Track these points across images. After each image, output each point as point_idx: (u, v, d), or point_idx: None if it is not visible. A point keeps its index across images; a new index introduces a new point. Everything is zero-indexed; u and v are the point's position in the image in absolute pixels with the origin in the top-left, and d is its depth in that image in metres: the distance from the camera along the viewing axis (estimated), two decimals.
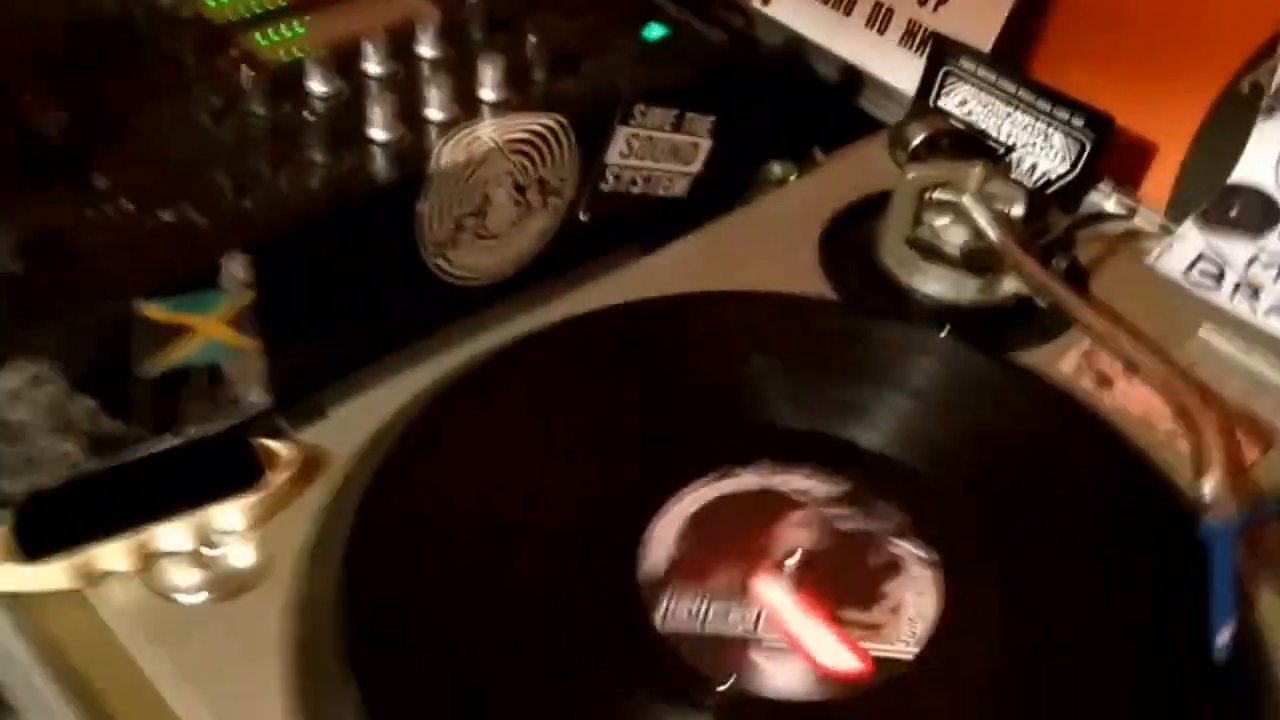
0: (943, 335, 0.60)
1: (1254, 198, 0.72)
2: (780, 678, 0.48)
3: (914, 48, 0.79)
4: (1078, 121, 0.72)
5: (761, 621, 0.49)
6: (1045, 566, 0.52)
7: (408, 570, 0.51)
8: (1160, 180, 0.77)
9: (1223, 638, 0.49)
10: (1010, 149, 0.73)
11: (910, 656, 0.49)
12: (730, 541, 0.52)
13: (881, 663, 0.48)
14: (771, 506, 0.53)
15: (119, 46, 0.63)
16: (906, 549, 0.52)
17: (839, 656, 0.48)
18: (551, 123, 0.62)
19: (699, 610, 0.50)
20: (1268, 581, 0.54)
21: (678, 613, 0.50)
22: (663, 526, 0.52)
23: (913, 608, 0.50)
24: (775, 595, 0.50)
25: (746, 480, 0.54)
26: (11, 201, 0.53)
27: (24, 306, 0.49)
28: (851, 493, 0.54)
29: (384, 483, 0.53)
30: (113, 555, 0.51)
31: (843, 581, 0.51)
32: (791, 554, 0.52)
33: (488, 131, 0.60)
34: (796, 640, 0.49)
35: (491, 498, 0.54)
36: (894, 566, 0.51)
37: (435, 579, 0.51)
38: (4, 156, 0.56)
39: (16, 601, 0.51)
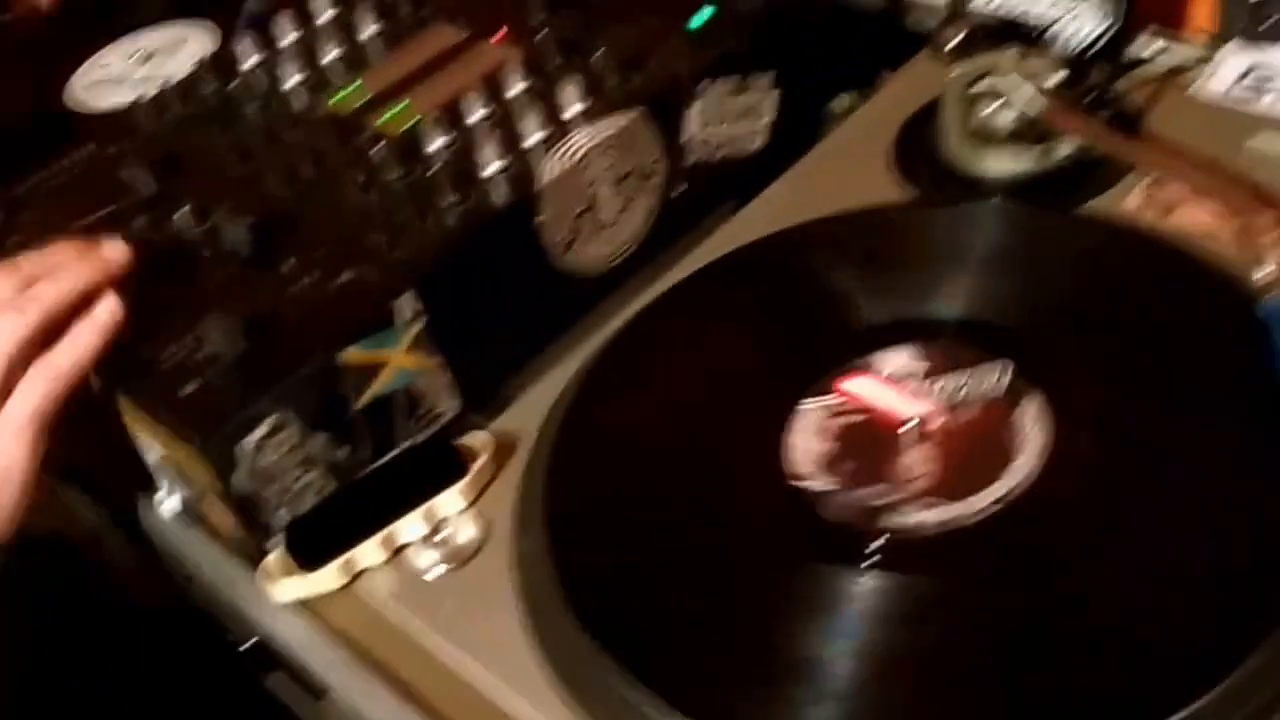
0: (992, 202, 0.68)
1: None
2: (919, 519, 0.57)
3: None
4: None
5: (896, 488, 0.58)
6: (1136, 375, 0.60)
7: (595, 505, 0.62)
8: (1206, 13, 0.83)
9: None
10: (1044, 27, 0.80)
11: (1029, 483, 0.57)
12: (858, 429, 0.61)
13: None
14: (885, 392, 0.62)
15: (275, 154, 0.76)
16: (1008, 391, 0.60)
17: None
18: (631, 117, 0.72)
19: (842, 490, 0.59)
20: None
21: (827, 496, 0.59)
22: (799, 430, 0.62)
23: (1028, 442, 0.58)
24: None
25: (858, 378, 0.64)
26: (228, 298, 0.66)
27: (255, 375, 0.62)
28: (948, 359, 0.62)
29: (562, 445, 0.65)
30: (368, 553, 0.64)
31: (963, 435, 0.59)
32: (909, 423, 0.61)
33: (580, 140, 0.71)
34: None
35: (655, 434, 0.65)
36: (1002, 413, 0.59)
37: (618, 511, 0.62)
38: (215, 263, 0.69)
39: (305, 606, 0.64)
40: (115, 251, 0.66)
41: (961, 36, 0.77)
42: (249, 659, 0.68)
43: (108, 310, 0.63)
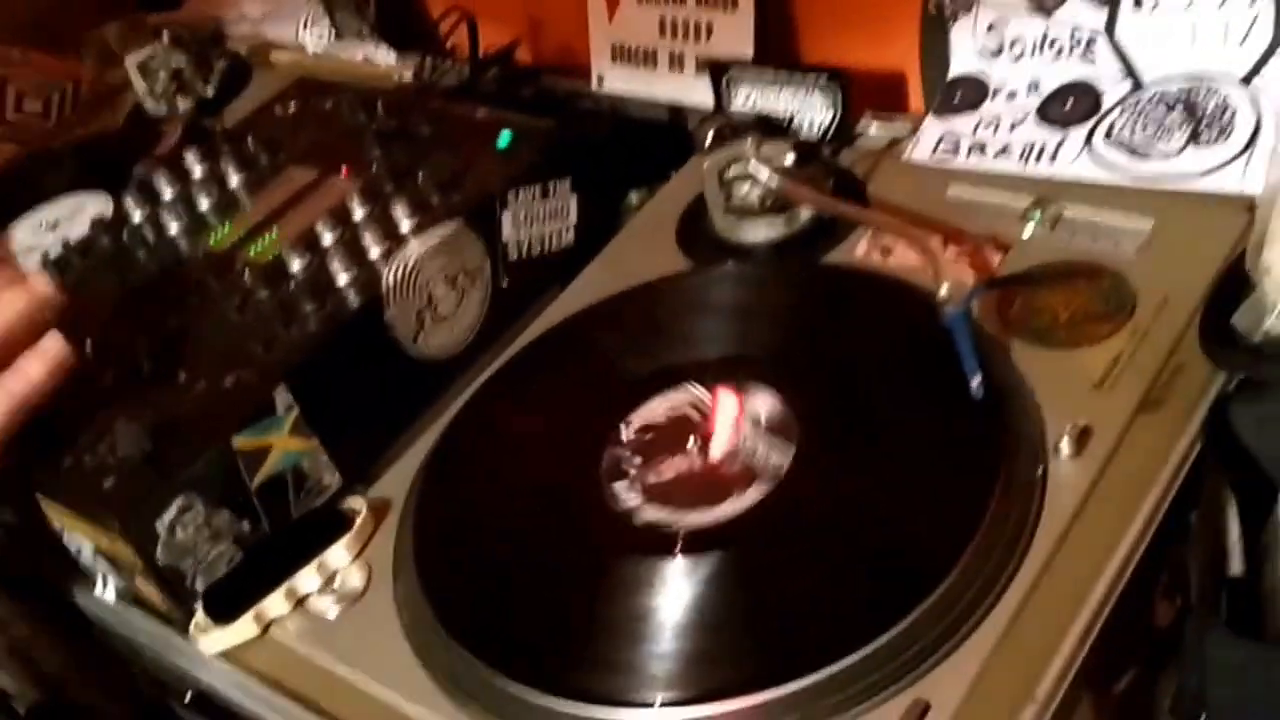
0: (728, 266, 0.87)
1: (969, 83, 0.97)
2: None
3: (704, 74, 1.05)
4: (824, 78, 0.97)
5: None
6: (861, 373, 0.77)
7: (454, 543, 0.78)
8: (915, 97, 1.02)
9: (974, 384, 0.73)
10: (788, 120, 0.99)
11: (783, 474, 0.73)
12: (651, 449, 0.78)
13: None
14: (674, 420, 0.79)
15: (167, 289, 0.91)
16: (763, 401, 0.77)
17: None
18: (454, 227, 0.88)
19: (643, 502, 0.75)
20: (1017, 336, 0.78)
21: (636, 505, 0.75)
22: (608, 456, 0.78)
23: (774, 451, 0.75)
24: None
25: (654, 407, 0.80)
26: (133, 408, 0.80)
27: (162, 467, 0.77)
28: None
29: (424, 500, 0.81)
30: (275, 604, 0.78)
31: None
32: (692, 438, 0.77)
33: (414, 249, 0.87)
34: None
35: (498, 483, 0.81)
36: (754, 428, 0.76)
37: (472, 545, 0.78)
38: (120, 383, 0.84)
39: (231, 655, 0.78)
40: (43, 284, 0.78)
41: (713, 132, 0.95)
42: (193, 709, 0.81)
43: (54, 343, 0.76)
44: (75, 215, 1.12)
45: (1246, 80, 0.85)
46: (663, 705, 0.65)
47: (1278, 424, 0.68)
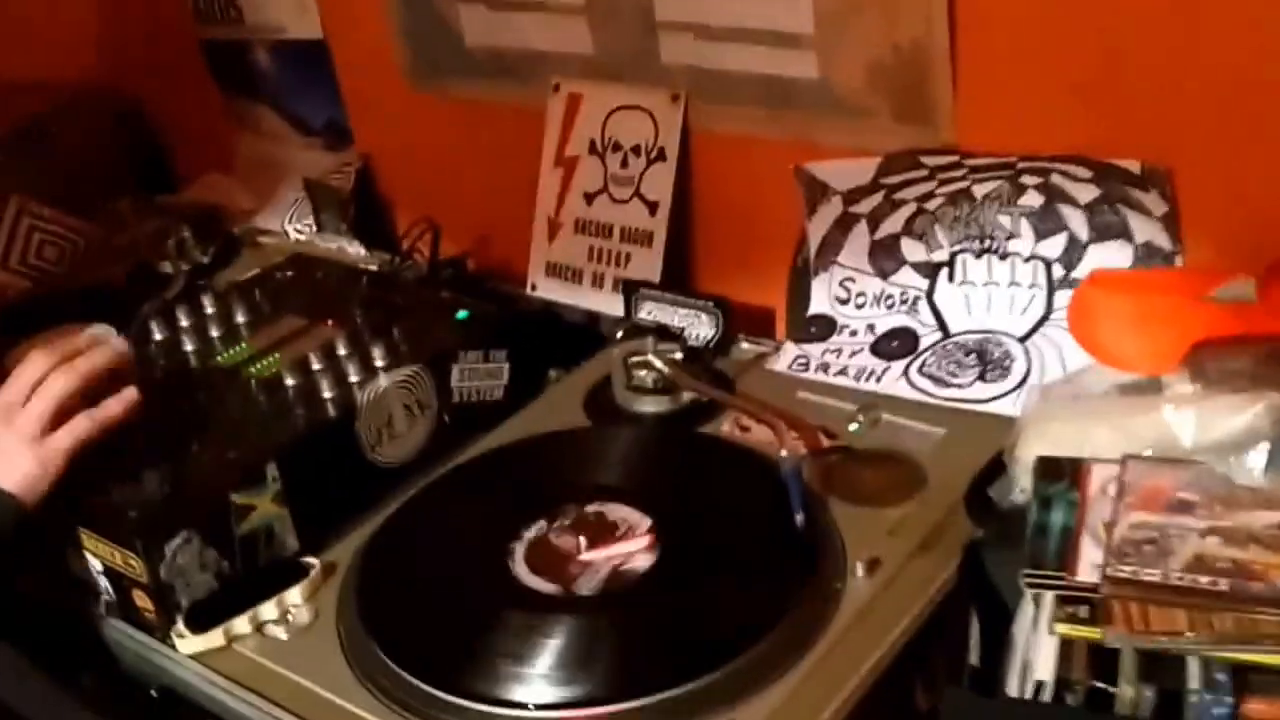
0: (624, 427, 1.13)
1: (821, 320, 1.26)
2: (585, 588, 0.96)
3: (620, 292, 1.34)
4: (710, 305, 1.26)
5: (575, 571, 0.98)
6: (714, 507, 1.03)
7: (384, 589, 1.00)
8: (779, 327, 1.32)
9: (799, 519, 0.99)
10: (681, 329, 1.27)
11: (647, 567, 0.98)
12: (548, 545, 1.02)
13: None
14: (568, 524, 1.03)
15: (183, 388, 1.15)
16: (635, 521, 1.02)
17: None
18: (416, 369, 1.14)
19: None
20: (835, 495, 1.04)
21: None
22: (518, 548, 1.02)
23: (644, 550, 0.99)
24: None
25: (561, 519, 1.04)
26: (157, 465, 1.03)
27: (174, 507, 0.99)
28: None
29: (366, 559, 1.03)
30: (240, 624, 0.99)
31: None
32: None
33: (383, 381, 1.12)
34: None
35: (419, 559, 1.04)
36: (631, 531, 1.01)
37: (397, 598, 1.00)
38: (145, 447, 1.06)
39: (199, 658, 0.98)
40: (124, 344, 1.07)
41: (622, 331, 1.22)
42: (160, 701, 1.01)
43: (131, 393, 1.03)
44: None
45: (1023, 339, 1.16)
46: (537, 708, 0.87)
47: (1014, 565, 0.94)
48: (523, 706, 0.88)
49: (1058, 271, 1.14)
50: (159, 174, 1.85)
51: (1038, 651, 0.83)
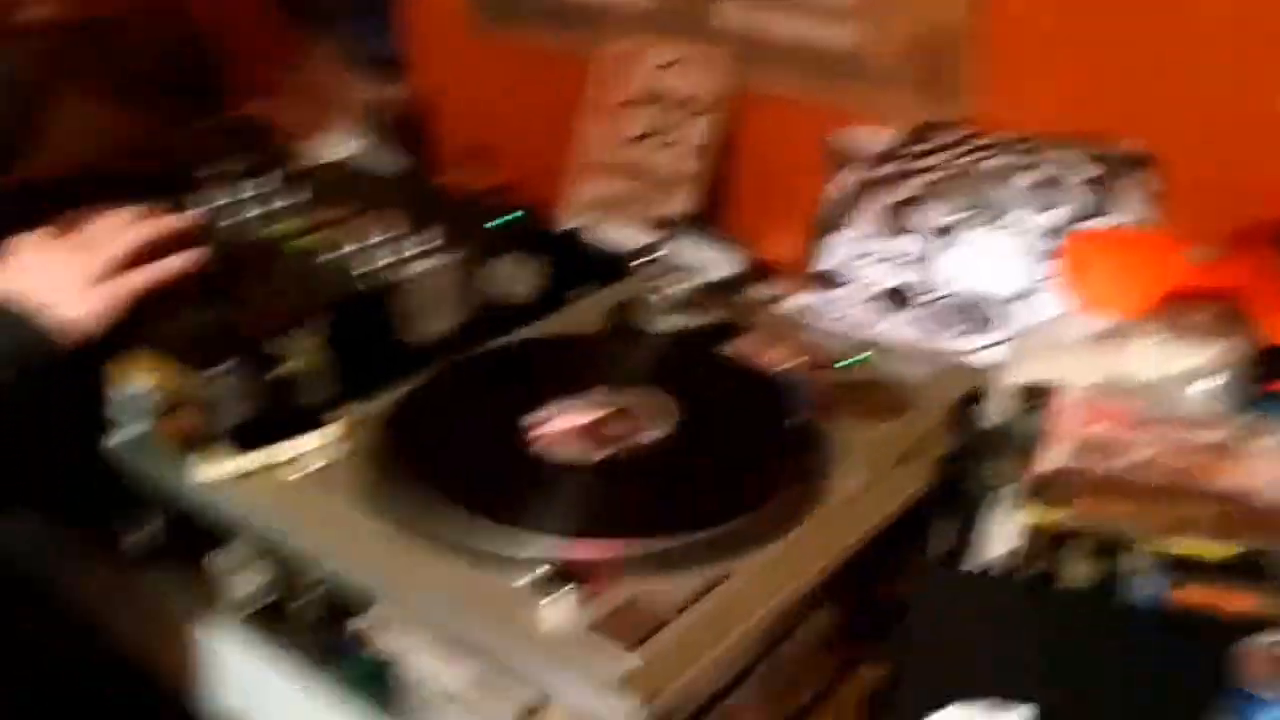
0: (653, 337, 1.23)
1: (830, 274, 1.37)
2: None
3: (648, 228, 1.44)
4: (733, 247, 1.36)
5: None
6: (713, 412, 1.13)
7: (410, 430, 1.09)
8: (793, 275, 1.42)
9: (796, 419, 1.09)
10: (705, 267, 1.37)
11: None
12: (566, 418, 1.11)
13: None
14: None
15: (231, 255, 1.24)
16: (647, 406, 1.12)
17: None
18: (452, 260, 1.24)
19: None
20: (828, 409, 1.14)
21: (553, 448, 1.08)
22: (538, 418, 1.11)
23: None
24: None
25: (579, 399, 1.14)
26: (212, 303, 1.13)
27: (228, 342, 1.08)
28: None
29: (388, 424, 1.12)
30: (270, 455, 1.08)
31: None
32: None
33: (420, 266, 1.21)
34: None
35: (443, 418, 1.13)
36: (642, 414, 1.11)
37: (422, 452, 1.09)
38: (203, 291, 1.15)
39: (229, 482, 1.07)
40: (194, 215, 1.17)
41: (651, 257, 1.33)
42: (187, 521, 1.09)
43: (200, 253, 1.12)
44: None
45: (1010, 301, 1.26)
46: (564, 535, 0.96)
47: (985, 476, 1.03)
48: (538, 532, 0.96)
49: (1048, 243, 1.25)
50: (214, 93, 1.95)
51: (997, 537, 0.93)
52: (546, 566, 0.92)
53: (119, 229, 1.12)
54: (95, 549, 1.21)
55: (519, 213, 1.34)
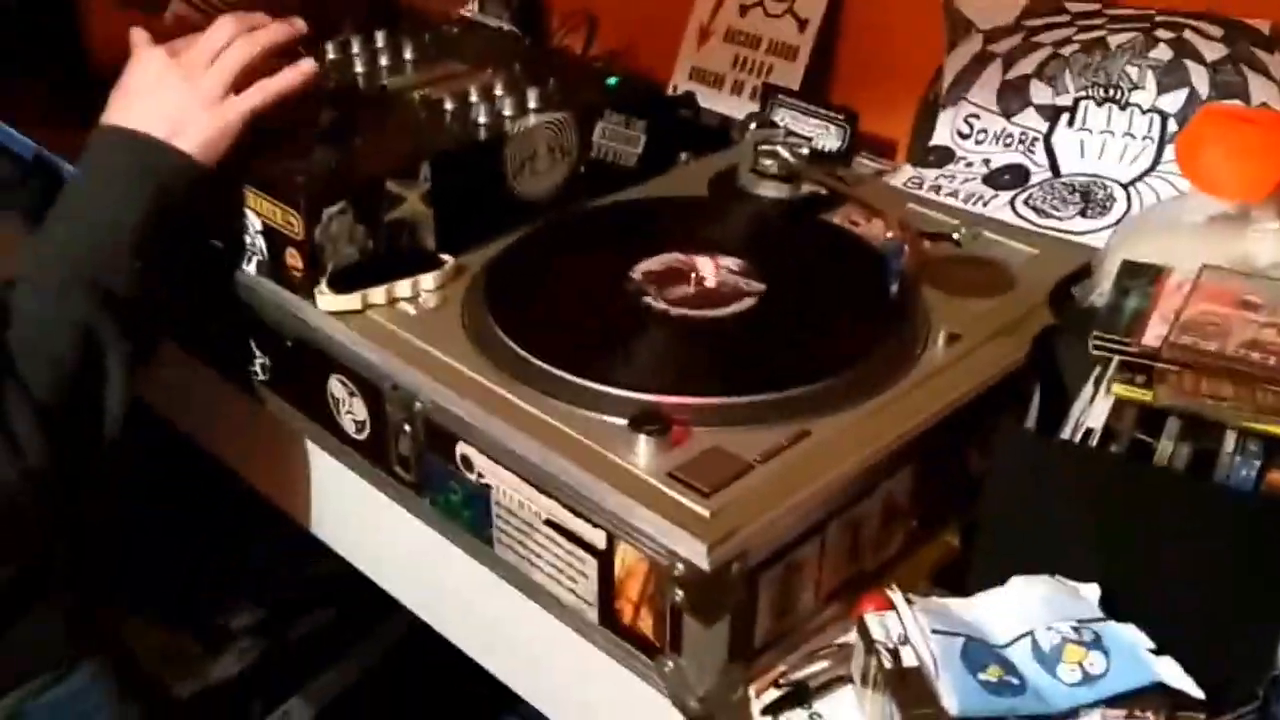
0: (754, 203, 1.22)
1: (941, 150, 1.34)
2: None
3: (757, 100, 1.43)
4: (840, 117, 1.34)
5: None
6: (812, 277, 1.12)
7: (507, 279, 1.10)
8: (900, 151, 1.40)
9: (893, 289, 1.08)
10: (811, 138, 1.36)
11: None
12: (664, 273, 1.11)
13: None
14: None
15: (348, 100, 1.26)
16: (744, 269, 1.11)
17: None
18: (564, 115, 1.24)
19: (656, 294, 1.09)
20: (929, 282, 1.13)
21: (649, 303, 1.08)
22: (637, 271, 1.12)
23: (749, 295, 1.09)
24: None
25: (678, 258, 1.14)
26: (325, 143, 1.15)
27: (338, 177, 1.10)
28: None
29: (491, 272, 1.14)
30: (376, 295, 1.10)
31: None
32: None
33: (533, 119, 1.22)
34: None
35: (543, 271, 1.14)
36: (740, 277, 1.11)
37: (521, 296, 1.10)
38: (318, 130, 1.17)
39: (335, 316, 1.09)
40: (301, 23, 1.15)
41: (755, 123, 1.31)
42: (295, 354, 1.13)
43: (308, 64, 1.13)
44: None
45: (1127, 185, 1.23)
46: (652, 386, 0.97)
47: (1084, 356, 1.01)
48: (625, 385, 0.97)
49: (1172, 126, 1.21)
50: None
51: (1093, 408, 0.91)
52: (632, 411, 0.93)
53: (226, 45, 1.12)
54: (220, 376, 1.26)
55: (628, 77, 1.33)
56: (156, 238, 1.06)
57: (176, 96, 1.09)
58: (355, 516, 1.19)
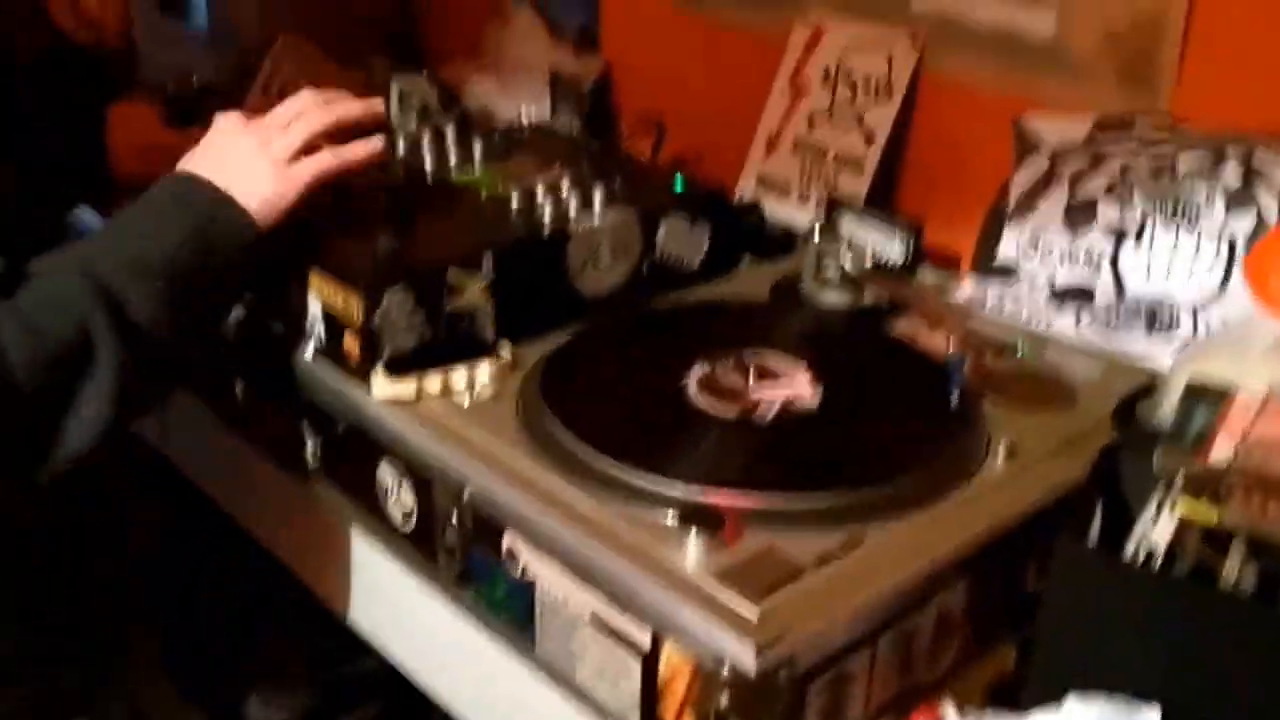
0: (816, 309, 1.22)
1: (1005, 266, 1.33)
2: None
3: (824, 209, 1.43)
4: (905, 227, 1.34)
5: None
6: (871, 386, 1.11)
7: (561, 377, 1.10)
8: (964, 264, 1.39)
9: (954, 398, 1.07)
10: (874, 248, 1.35)
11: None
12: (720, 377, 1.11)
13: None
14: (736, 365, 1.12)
15: (416, 190, 1.27)
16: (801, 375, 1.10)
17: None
18: (629, 214, 1.24)
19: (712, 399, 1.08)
20: (990, 394, 1.11)
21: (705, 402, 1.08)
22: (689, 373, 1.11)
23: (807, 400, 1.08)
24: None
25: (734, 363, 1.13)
26: (389, 231, 1.16)
27: (399, 264, 1.11)
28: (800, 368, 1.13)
29: (548, 365, 1.13)
30: (432, 382, 1.10)
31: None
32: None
33: (598, 217, 1.22)
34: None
35: (600, 366, 1.14)
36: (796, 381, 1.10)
37: (576, 387, 1.10)
38: (383, 216, 1.19)
39: (392, 404, 1.09)
40: (379, 104, 1.17)
41: (820, 229, 1.31)
42: (347, 439, 1.12)
43: (378, 140, 1.14)
44: None
45: (1195, 308, 1.21)
46: (703, 481, 0.96)
47: (1147, 476, 0.99)
48: (678, 476, 0.96)
49: (1241, 248, 1.19)
50: (415, 53, 2.00)
51: (1157, 528, 0.89)
52: (683, 508, 0.92)
53: (303, 113, 1.14)
54: (270, 460, 1.26)
55: (694, 181, 1.33)
56: (187, 273, 1.03)
57: (243, 152, 1.10)
58: (395, 609, 1.18)
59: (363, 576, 1.20)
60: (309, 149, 1.12)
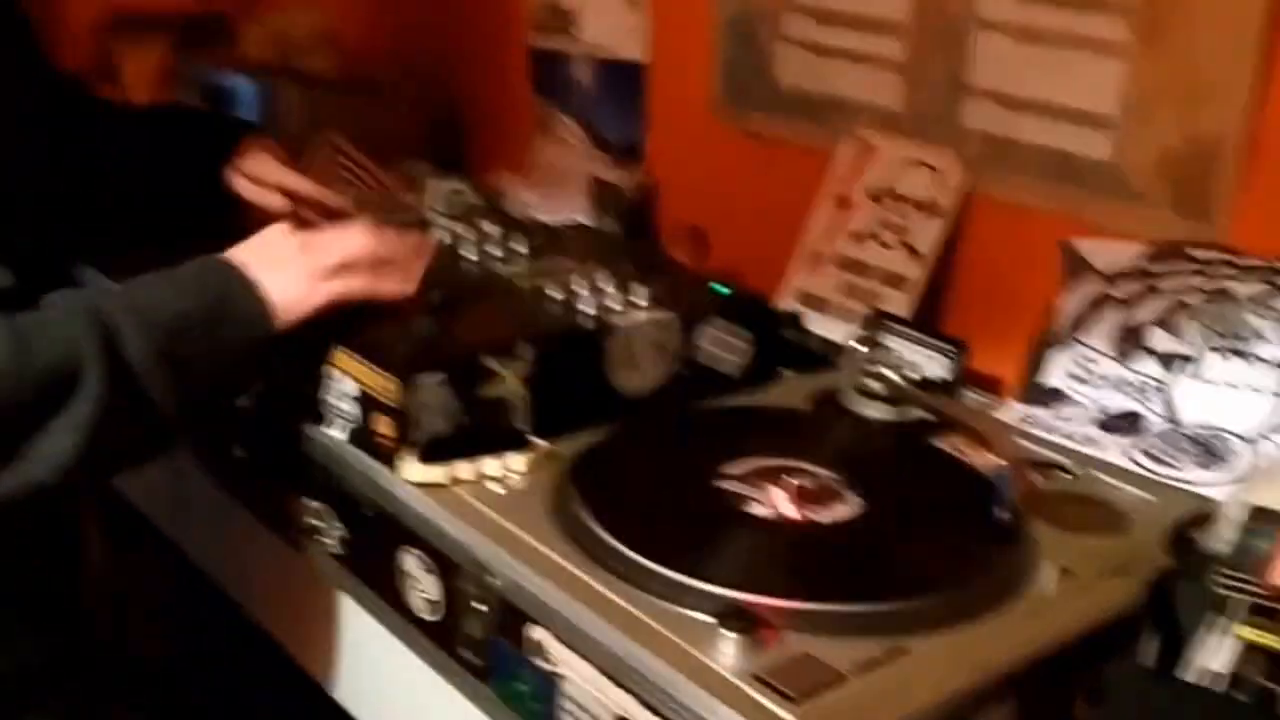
0: (858, 420, 1.19)
1: (1053, 392, 1.30)
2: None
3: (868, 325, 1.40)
4: (950, 347, 1.31)
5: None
6: (916, 498, 1.07)
7: (594, 471, 1.07)
8: (1009, 386, 1.36)
9: (1000, 514, 1.03)
10: (917, 367, 1.33)
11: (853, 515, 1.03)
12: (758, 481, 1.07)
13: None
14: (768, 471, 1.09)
15: (456, 281, 1.26)
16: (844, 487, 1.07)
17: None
18: (670, 317, 1.22)
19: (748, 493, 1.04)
20: (1039, 516, 1.08)
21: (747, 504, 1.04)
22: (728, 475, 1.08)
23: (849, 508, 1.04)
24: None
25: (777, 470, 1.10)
26: (425, 319, 1.15)
27: (435, 350, 1.09)
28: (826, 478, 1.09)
29: (583, 459, 1.10)
30: (464, 470, 1.07)
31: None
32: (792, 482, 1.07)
33: (640, 317, 1.20)
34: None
35: (636, 461, 1.10)
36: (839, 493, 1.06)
37: (614, 490, 1.06)
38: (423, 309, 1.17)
39: (421, 489, 1.06)
40: (431, 245, 1.21)
41: (863, 341, 1.29)
42: (373, 524, 1.09)
43: (415, 283, 1.15)
44: None
45: (1251, 440, 1.18)
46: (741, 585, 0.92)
47: (1201, 604, 0.95)
48: (716, 581, 0.92)
49: None
50: (453, 158, 2.01)
51: (1213, 651, 0.84)
52: (720, 608, 0.88)
53: (350, 235, 1.14)
54: (284, 543, 1.23)
55: (736, 288, 1.32)
56: (190, 336, 1.02)
57: (283, 251, 1.10)
58: (412, 705, 1.13)
59: (367, 659, 1.17)
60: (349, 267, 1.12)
